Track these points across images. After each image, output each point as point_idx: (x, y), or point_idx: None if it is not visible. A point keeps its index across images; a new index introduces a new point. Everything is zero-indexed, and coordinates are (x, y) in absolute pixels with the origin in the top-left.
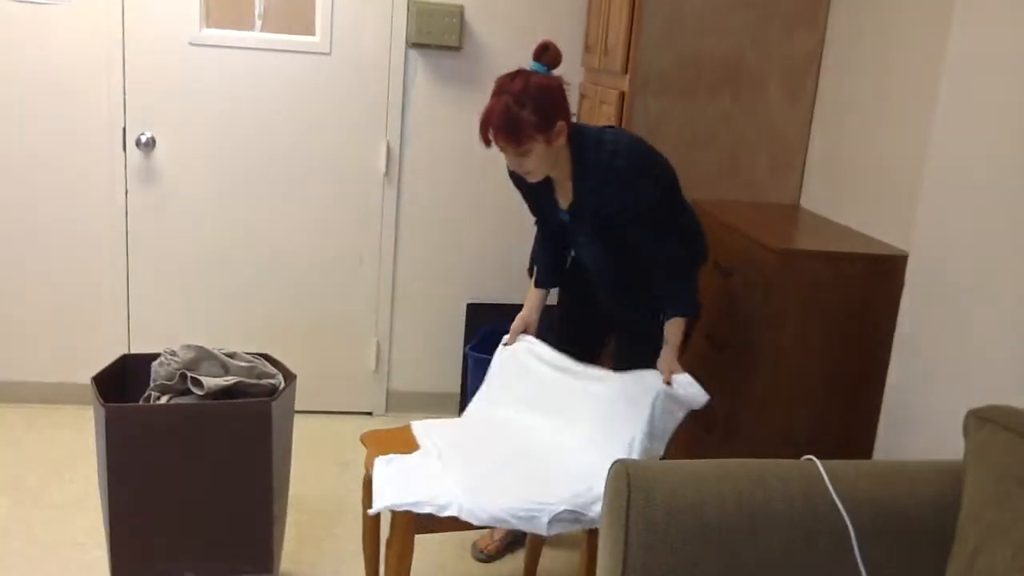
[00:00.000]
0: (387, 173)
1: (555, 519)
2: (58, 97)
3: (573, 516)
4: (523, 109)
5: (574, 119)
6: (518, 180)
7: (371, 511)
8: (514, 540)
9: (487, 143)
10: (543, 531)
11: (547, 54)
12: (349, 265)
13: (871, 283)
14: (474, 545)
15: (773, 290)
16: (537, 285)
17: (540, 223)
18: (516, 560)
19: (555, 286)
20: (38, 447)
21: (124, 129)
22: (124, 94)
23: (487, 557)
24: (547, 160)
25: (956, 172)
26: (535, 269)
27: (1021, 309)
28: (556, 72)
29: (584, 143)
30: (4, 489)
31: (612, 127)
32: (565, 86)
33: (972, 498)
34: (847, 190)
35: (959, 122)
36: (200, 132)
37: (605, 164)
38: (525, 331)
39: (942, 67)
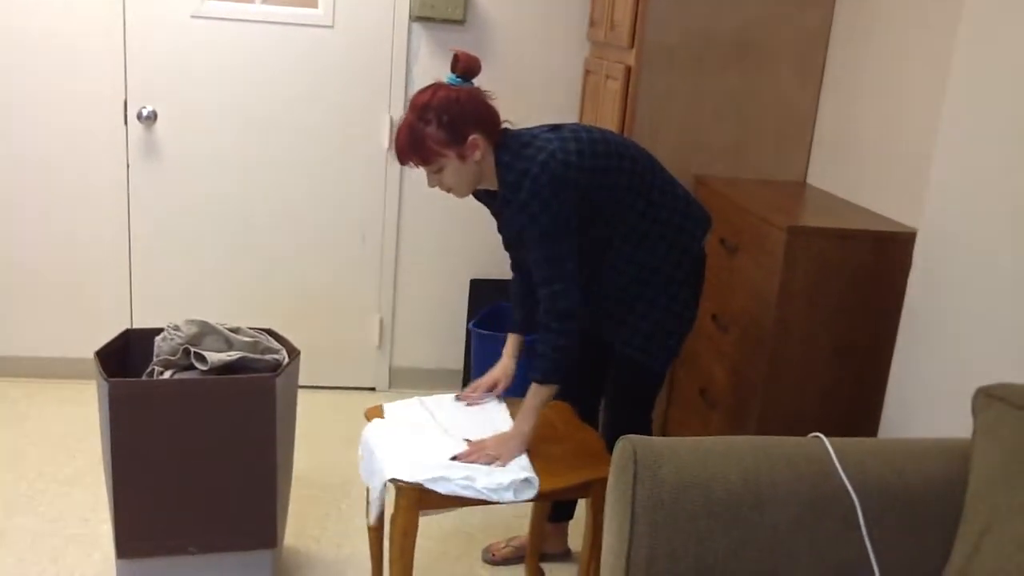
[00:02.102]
0: (391, 148)
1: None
2: (59, 70)
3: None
4: (427, 125)
5: (507, 125)
6: (478, 196)
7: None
8: (524, 556)
9: (401, 162)
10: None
11: (458, 65)
12: (352, 241)
13: (879, 260)
14: (487, 549)
15: (780, 267)
16: (510, 329)
17: (508, 251)
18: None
19: (529, 331)
20: (42, 422)
21: (125, 102)
22: (125, 67)
23: (493, 560)
24: (466, 176)
25: (967, 148)
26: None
27: None
28: (476, 82)
29: (507, 154)
30: (8, 464)
31: (555, 131)
32: (489, 96)
33: (980, 476)
34: (855, 167)
35: (971, 98)
36: (202, 106)
37: (512, 182)
38: (493, 387)
39: (954, 42)
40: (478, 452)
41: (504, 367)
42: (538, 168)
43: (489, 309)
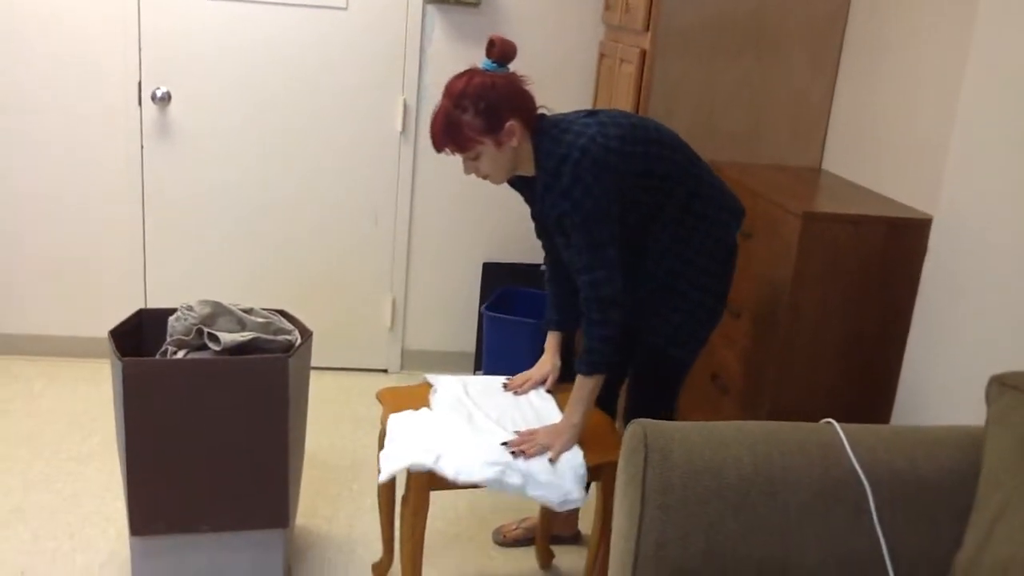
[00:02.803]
0: (403, 131)
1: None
2: (73, 51)
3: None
4: (464, 112)
5: (544, 110)
6: (512, 183)
7: (380, 479)
8: (534, 537)
9: (437, 150)
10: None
11: (493, 50)
12: (366, 222)
13: (894, 247)
14: (497, 530)
15: (794, 254)
16: (547, 327)
17: (540, 239)
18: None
19: (568, 327)
20: (56, 401)
21: (139, 83)
22: (140, 48)
23: (504, 542)
24: (502, 163)
25: (985, 135)
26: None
27: None
28: (512, 67)
29: (546, 140)
30: (24, 442)
31: (593, 116)
32: (525, 81)
33: (993, 464)
34: (871, 152)
35: (989, 84)
36: (215, 87)
37: (552, 167)
38: (543, 383)
39: (972, 26)
40: (530, 441)
41: (551, 364)
42: (579, 152)
43: (501, 292)
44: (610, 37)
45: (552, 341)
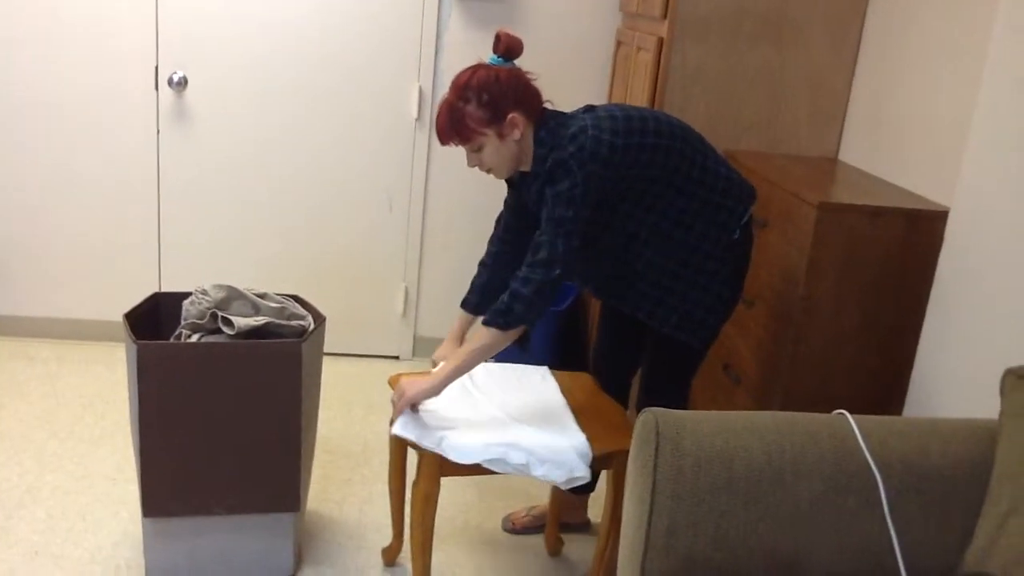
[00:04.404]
0: (419, 118)
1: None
2: (90, 36)
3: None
4: (467, 104)
5: (549, 105)
6: (510, 181)
7: (392, 430)
8: (543, 525)
9: (442, 142)
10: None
11: (499, 45)
12: (380, 209)
13: (910, 238)
14: (507, 518)
15: (809, 244)
16: (462, 304)
17: (507, 218)
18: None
19: (480, 312)
20: (71, 383)
21: (156, 68)
22: (156, 33)
23: (513, 529)
24: (505, 155)
25: (1003, 127)
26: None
27: None
28: (528, 56)
29: (543, 131)
30: (38, 423)
31: (591, 111)
32: (531, 76)
33: (1006, 458)
34: (888, 143)
35: (1009, 76)
36: (232, 73)
37: (542, 155)
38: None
39: (993, 17)
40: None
41: (448, 351)
42: (567, 140)
43: None
44: (627, 25)
45: (458, 323)
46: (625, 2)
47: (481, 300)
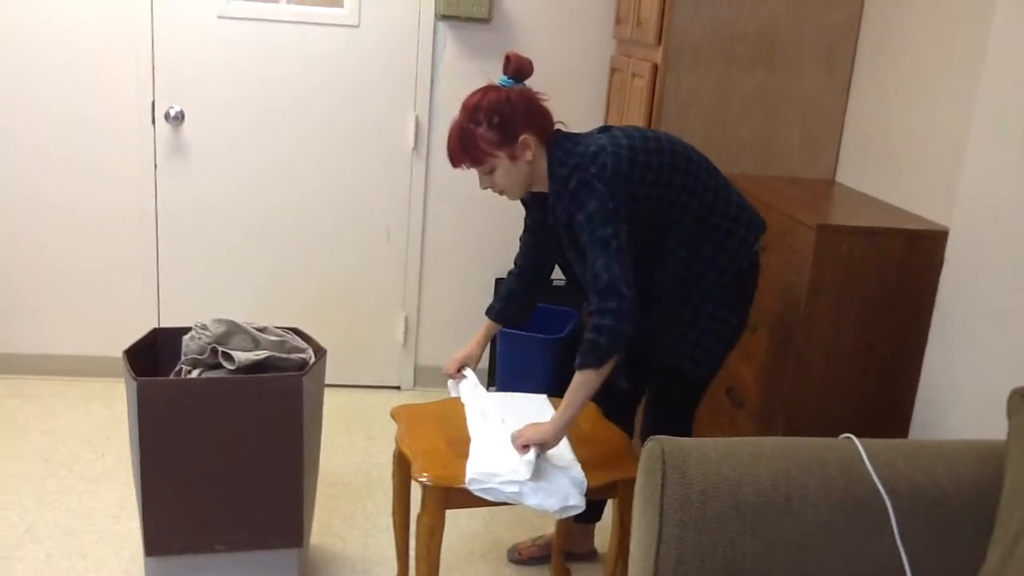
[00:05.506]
0: (415, 148)
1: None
2: (87, 71)
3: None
4: (478, 126)
5: (560, 126)
6: (524, 201)
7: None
8: (549, 555)
9: (454, 165)
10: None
11: (509, 66)
12: (378, 239)
13: (910, 259)
14: (513, 548)
15: (809, 266)
16: (487, 312)
17: (526, 237)
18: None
19: (505, 321)
20: (71, 420)
21: (153, 103)
22: (153, 68)
23: (519, 559)
24: (517, 177)
25: (1001, 145)
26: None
27: None
28: (528, 83)
29: (558, 152)
30: (38, 461)
31: (606, 132)
32: (541, 97)
33: (1015, 478)
34: (885, 164)
35: (1005, 94)
36: (228, 106)
37: (563, 176)
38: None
39: (988, 36)
40: (517, 440)
41: (472, 350)
42: (588, 160)
43: None
44: (621, 51)
45: (482, 329)
46: (619, 29)
47: (503, 306)
